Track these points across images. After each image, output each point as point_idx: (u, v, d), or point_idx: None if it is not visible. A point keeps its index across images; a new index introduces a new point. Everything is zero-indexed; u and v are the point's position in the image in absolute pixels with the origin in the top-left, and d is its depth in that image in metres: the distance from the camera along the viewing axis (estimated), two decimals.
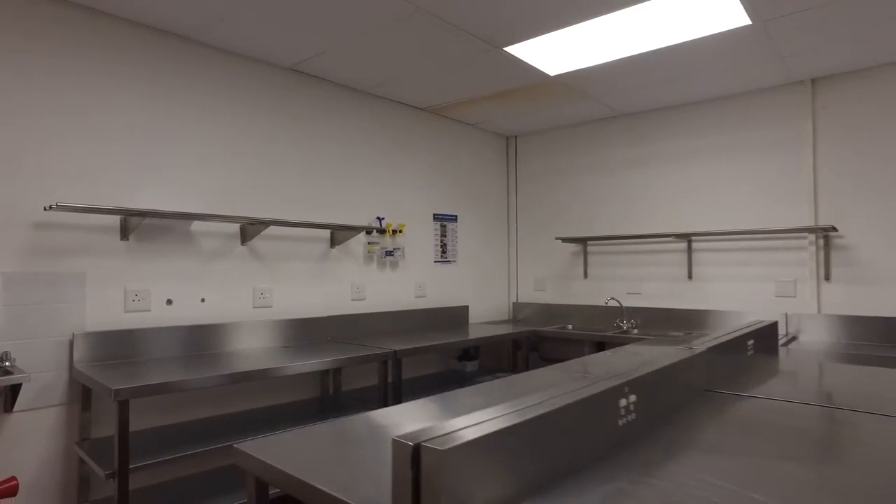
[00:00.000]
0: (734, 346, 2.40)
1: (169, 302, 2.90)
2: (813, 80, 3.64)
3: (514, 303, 5.03)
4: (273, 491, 1.34)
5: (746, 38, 3.02)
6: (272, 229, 3.35)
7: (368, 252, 3.91)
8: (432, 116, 4.44)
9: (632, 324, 4.21)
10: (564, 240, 4.53)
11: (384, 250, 4.00)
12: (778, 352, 3.08)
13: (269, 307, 3.33)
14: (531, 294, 4.97)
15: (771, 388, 2.07)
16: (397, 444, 0.90)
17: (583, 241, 4.55)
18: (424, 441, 0.88)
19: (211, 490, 2.68)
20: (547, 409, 1.08)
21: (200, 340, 2.97)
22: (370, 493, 1.01)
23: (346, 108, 3.81)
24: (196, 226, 3.01)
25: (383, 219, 4.02)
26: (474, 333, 3.79)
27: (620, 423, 1.36)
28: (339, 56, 3.27)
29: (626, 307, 4.28)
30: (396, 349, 3.09)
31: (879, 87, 3.43)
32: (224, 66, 3.17)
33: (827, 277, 3.57)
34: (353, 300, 3.81)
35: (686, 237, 4.05)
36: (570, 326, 4.43)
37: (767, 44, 3.09)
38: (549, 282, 4.86)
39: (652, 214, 4.28)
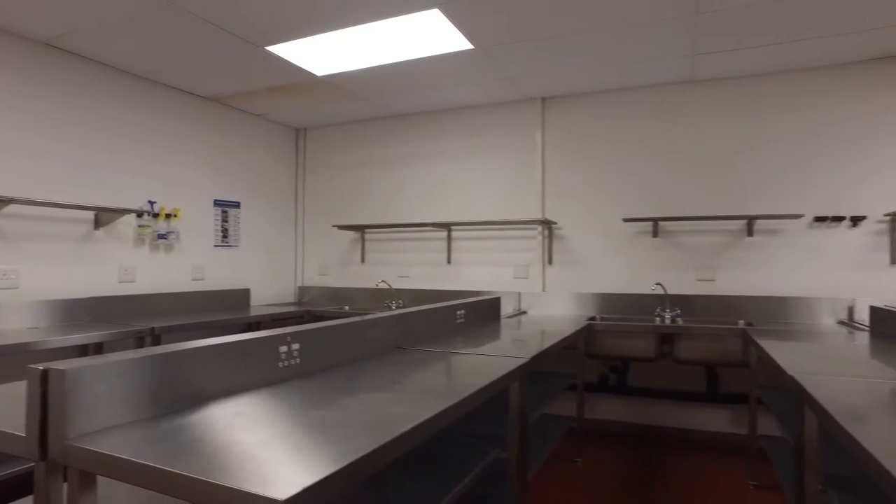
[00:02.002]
0: (437, 314, 2.92)
1: None
2: (543, 99, 4.42)
3: (299, 286, 5.30)
4: None
5: (474, 59, 3.61)
6: (21, 208, 3.22)
7: (139, 234, 3.90)
8: (215, 105, 4.51)
9: (399, 303, 4.72)
10: (342, 227, 4.90)
11: (156, 233, 4.02)
12: (500, 322, 3.74)
13: (15, 288, 3.21)
14: (316, 278, 5.27)
15: (456, 344, 2.61)
16: (31, 369, 1.14)
17: (360, 228, 4.96)
18: (53, 366, 1.13)
19: None
20: (183, 349, 1.38)
21: None
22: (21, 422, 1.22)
23: (120, 90, 3.76)
24: None
25: (155, 202, 4.02)
26: (242, 314, 4.00)
27: (281, 364, 1.71)
28: (102, 36, 3.24)
29: (396, 289, 4.78)
30: (155, 326, 3.19)
31: (587, 108, 4.28)
32: None
33: (550, 262, 4.37)
34: (120, 282, 3.78)
35: (446, 226, 4.65)
36: (346, 307, 4.82)
37: (492, 65, 3.73)
38: (332, 266, 5.21)
39: (420, 205, 4.82)
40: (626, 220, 4.00)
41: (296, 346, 1.76)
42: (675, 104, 4.06)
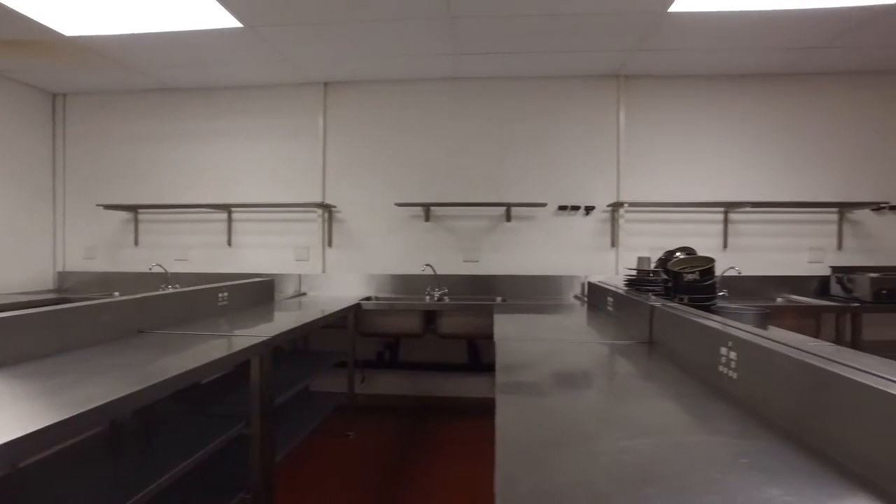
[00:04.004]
0: (192, 297, 2.86)
1: None
2: (325, 84, 4.47)
3: (59, 272, 4.75)
4: None
5: (246, 38, 3.54)
6: None
7: None
8: None
9: (176, 286, 4.48)
10: (111, 207, 4.50)
11: None
12: (273, 303, 3.75)
13: None
14: (81, 262, 4.77)
15: (215, 326, 2.58)
16: None
17: (133, 208, 4.60)
18: None
19: None
20: None
21: None
22: None
23: None
24: None
25: None
26: None
27: None
28: None
29: (172, 273, 4.52)
30: None
31: (366, 96, 4.44)
32: None
33: (330, 244, 4.48)
34: None
35: (227, 208, 4.50)
36: (117, 293, 4.44)
37: (267, 46, 3.69)
38: (102, 249, 4.76)
39: (200, 186, 4.60)
40: (398, 204, 4.24)
41: None
42: (444, 98, 4.39)
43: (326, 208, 4.44)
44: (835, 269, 4.08)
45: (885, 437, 0.86)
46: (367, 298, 4.15)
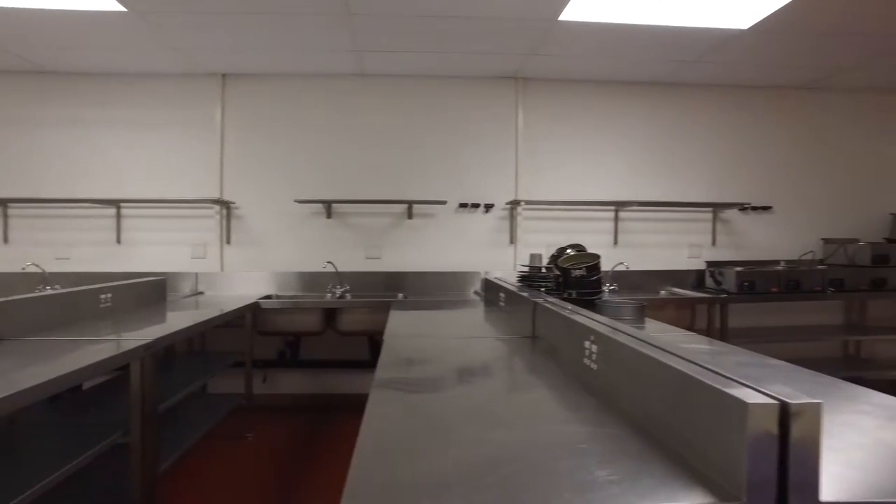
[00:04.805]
0: (70, 299, 2.69)
1: None
2: (223, 75, 4.30)
3: None
4: None
5: (131, 23, 3.34)
6: None
7: None
8: None
9: (56, 287, 4.16)
10: None
11: None
12: (166, 304, 3.59)
13: None
14: None
15: (93, 331, 2.44)
16: None
17: (3, 202, 4.22)
18: None
19: None
20: None
21: None
22: None
23: None
24: None
25: None
26: None
27: None
28: None
29: (51, 273, 4.19)
30: None
31: (267, 90, 4.32)
32: None
33: (228, 241, 4.33)
34: None
35: (115, 203, 4.23)
36: None
37: (155, 33, 3.50)
38: None
39: (85, 179, 4.29)
40: (298, 201, 4.18)
41: None
42: (349, 95, 4.36)
43: (225, 204, 4.29)
44: (709, 263, 4.46)
45: (699, 422, 0.97)
46: (268, 297, 4.06)
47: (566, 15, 3.26)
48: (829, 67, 4.17)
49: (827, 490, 0.87)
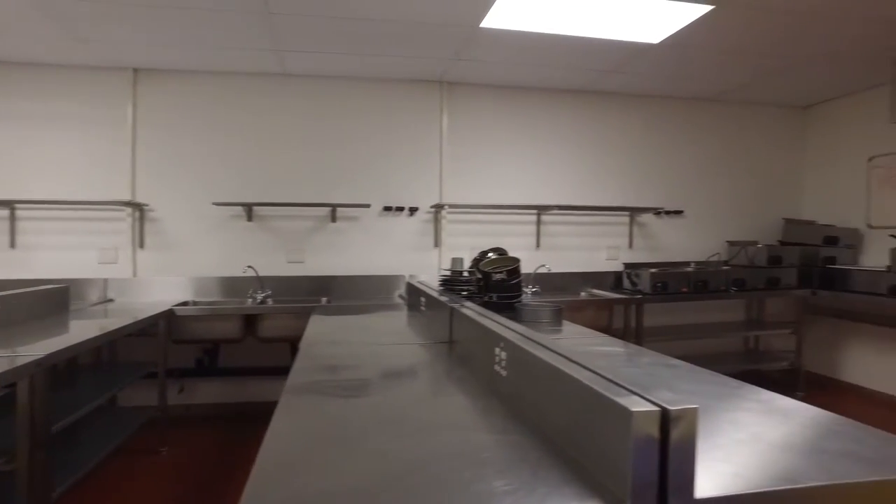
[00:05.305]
0: None
1: None
2: (135, 70, 4.08)
3: None
4: None
5: (27, 8, 3.11)
6: None
7: None
8: None
9: None
10: None
11: None
12: (68, 313, 3.37)
13: None
14: None
15: None
16: None
17: None
18: None
19: None
20: None
21: None
22: None
23: None
24: None
25: None
26: None
27: None
28: None
29: None
30: None
31: (184, 87, 4.14)
32: None
33: (142, 245, 4.11)
34: None
35: (9, 204, 3.93)
36: None
37: (52, 20, 3.27)
38: None
39: None
40: (216, 203, 4.03)
41: None
42: (271, 95, 4.25)
43: (137, 207, 4.07)
44: (626, 265, 4.66)
45: (593, 429, 1.01)
46: (185, 303, 3.89)
47: (487, 22, 3.31)
48: (730, 82, 4.46)
49: (703, 487, 0.93)
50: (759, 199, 5.16)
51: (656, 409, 0.88)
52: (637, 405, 0.89)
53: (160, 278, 4.08)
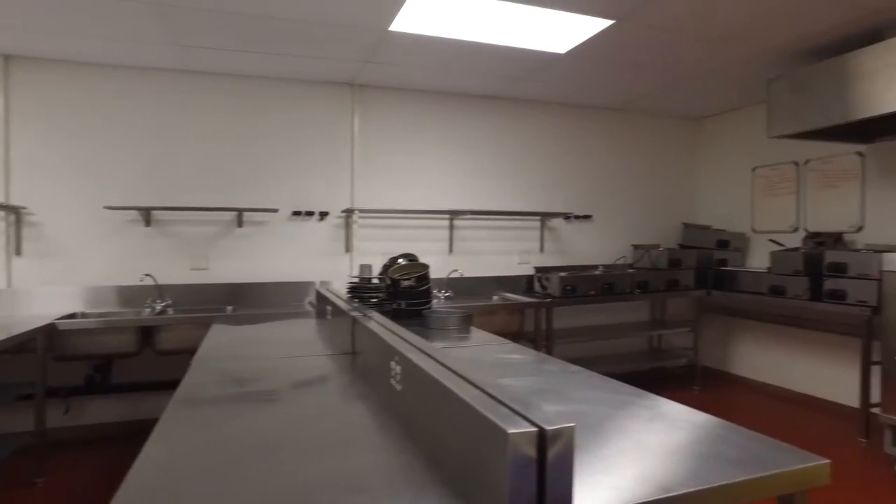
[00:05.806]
0: None
1: None
2: (6, 56, 3.71)
3: None
4: None
5: None
6: None
7: None
8: None
9: None
10: None
11: None
12: None
13: None
14: None
15: None
16: None
17: None
18: None
19: None
20: None
21: None
22: None
23: None
24: None
25: None
26: None
27: None
28: None
29: None
30: None
31: (69, 79, 3.81)
32: None
33: (19, 252, 3.75)
34: None
35: None
36: None
37: None
38: None
39: None
40: (108, 207, 3.74)
41: None
42: (171, 92, 4.00)
43: (13, 210, 3.70)
44: (537, 269, 4.77)
45: (476, 448, 0.99)
46: (73, 315, 3.58)
47: (396, 25, 3.27)
48: (633, 93, 4.67)
49: (583, 502, 0.94)
50: (661, 204, 5.45)
51: (533, 429, 0.88)
52: (514, 425, 0.88)
53: (42, 288, 3.74)
